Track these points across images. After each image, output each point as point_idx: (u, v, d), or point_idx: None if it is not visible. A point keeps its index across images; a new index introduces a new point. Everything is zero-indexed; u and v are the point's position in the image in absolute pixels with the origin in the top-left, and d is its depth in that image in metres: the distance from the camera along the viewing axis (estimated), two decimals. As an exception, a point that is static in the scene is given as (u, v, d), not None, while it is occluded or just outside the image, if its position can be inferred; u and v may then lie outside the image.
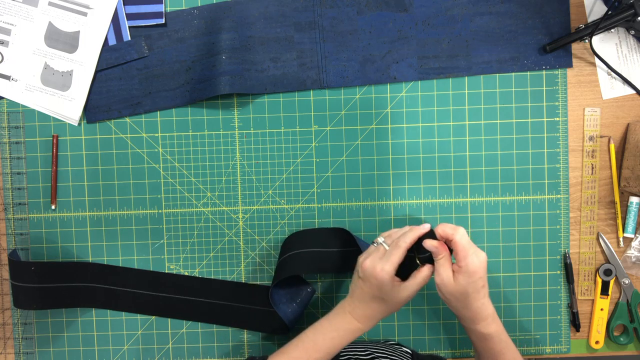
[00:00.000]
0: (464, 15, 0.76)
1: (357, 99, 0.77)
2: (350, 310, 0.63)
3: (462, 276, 0.57)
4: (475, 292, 0.58)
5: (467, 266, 0.57)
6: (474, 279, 0.57)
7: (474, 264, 0.57)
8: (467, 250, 0.57)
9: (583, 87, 0.77)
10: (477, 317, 0.60)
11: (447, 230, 0.59)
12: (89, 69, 0.75)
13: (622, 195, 0.77)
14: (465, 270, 0.57)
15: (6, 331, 0.78)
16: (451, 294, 0.59)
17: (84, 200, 0.78)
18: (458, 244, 0.58)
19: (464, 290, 0.58)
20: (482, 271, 0.58)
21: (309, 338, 0.63)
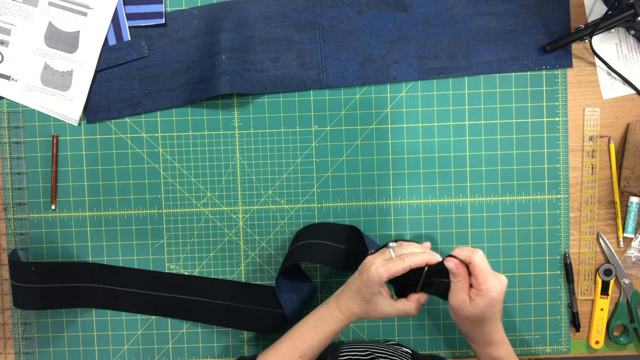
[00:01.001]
0: (464, 15, 0.76)
1: (357, 99, 0.77)
2: (336, 299, 0.64)
3: (481, 300, 0.55)
4: (492, 317, 0.57)
5: (488, 290, 0.55)
6: (493, 304, 0.56)
7: (496, 289, 0.55)
8: (487, 273, 0.55)
9: (583, 87, 0.77)
10: (489, 341, 0.59)
11: (464, 252, 0.56)
12: (89, 69, 0.75)
13: (622, 195, 0.77)
14: (485, 294, 0.55)
15: (6, 331, 0.78)
16: (467, 318, 0.57)
17: (84, 200, 0.78)
18: (477, 267, 0.55)
19: (481, 315, 0.56)
20: (502, 296, 0.56)
21: (296, 330, 0.64)
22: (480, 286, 0.55)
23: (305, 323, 0.64)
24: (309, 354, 0.62)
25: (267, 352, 0.64)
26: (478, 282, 0.55)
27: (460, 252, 0.57)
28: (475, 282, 0.56)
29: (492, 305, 0.56)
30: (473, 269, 0.56)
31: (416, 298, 0.60)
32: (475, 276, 0.55)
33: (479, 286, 0.55)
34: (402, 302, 0.60)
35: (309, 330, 0.63)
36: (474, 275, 0.56)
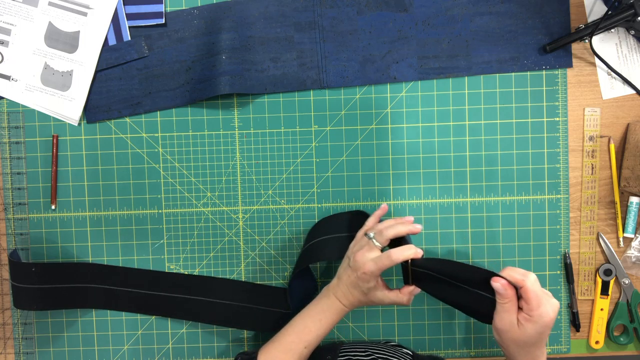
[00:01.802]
0: (464, 15, 0.76)
1: (357, 99, 0.77)
2: (335, 292, 0.66)
3: (532, 325, 0.53)
4: (540, 341, 0.55)
5: (541, 317, 0.52)
6: (544, 330, 0.53)
7: (549, 315, 0.53)
8: (541, 299, 0.53)
9: (583, 87, 0.77)
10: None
11: (516, 275, 0.54)
12: (89, 69, 0.75)
13: (622, 195, 0.77)
14: (537, 320, 0.53)
15: (6, 331, 0.78)
16: (513, 341, 0.55)
17: (84, 200, 0.78)
18: (530, 292, 0.53)
19: (530, 340, 0.54)
20: (553, 322, 0.54)
21: (299, 322, 0.66)
22: (532, 312, 0.53)
23: (308, 315, 0.66)
24: (312, 345, 0.65)
25: (269, 346, 0.65)
26: (530, 308, 0.53)
27: (511, 273, 0.54)
28: (526, 307, 0.53)
29: (543, 331, 0.53)
30: (525, 293, 0.53)
31: (409, 290, 0.64)
32: (527, 301, 0.53)
33: (530, 312, 0.53)
34: (395, 293, 0.64)
35: (312, 322, 0.65)
36: (526, 300, 0.53)
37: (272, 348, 0.65)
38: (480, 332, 0.78)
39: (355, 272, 0.63)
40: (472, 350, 0.79)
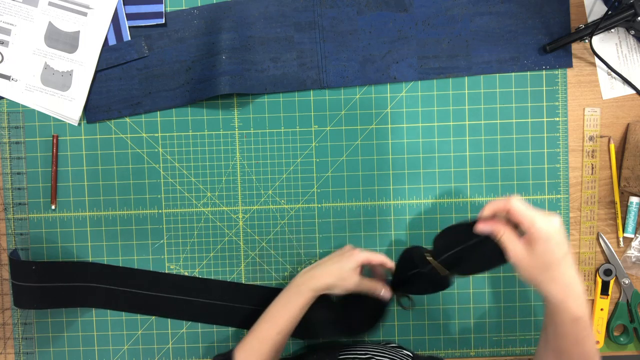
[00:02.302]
0: (464, 15, 0.76)
1: (357, 99, 0.77)
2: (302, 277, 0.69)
3: (537, 245, 0.50)
4: (557, 262, 0.51)
5: (538, 232, 0.50)
6: (551, 245, 0.50)
7: (545, 228, 0.50)
8: (532, 215, 0.51)
9: (583, 87, 0.77)
10: (568, 292, 0.51)
11: (498, 205, 0.53)
12: (89, 69, 0.75)
13: (622, 195, 0.77)
14: (537, 237, 0.50)
15: (6, 331, 0.78)
16: (532, 268, 0.51)
17: (84, 200, 0.78)
18: (517, 212, 0.51)
19: (543, 260, 0.51)
20: (557, 236, 0.50)
21: (269, 312, 0.68)
22: (530, 230, 0.50)
23: (277, 303, 0.68)
24: (284, 331, 0.66)
25: (245, 339, 0.67)
26: (526, 228, 0.51)
27: (491, 207, 0.53)
28: (523, 228, 0.51)
29: (551, 247, 0.50)
30: (514, 216, 0.52)
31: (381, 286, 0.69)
32: (520, 223, 0.51)
33: (528, 231, 0.51)
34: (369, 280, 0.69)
35: (282, 307, 0.67)
36: (519, 222, 0.51)
37: (247, 340, 0.67)
38: (480, 332, 0.78)
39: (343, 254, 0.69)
40: (472, 350, 0.79)
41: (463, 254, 0.58)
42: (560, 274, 0.51)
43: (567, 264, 0.51)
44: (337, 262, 0.68)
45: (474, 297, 0.78)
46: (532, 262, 0.51)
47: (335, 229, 0.78)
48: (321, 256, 0.78)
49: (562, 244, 0.51)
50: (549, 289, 0.52)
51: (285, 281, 0.78)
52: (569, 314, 0.51)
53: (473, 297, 0.78)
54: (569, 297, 0.51)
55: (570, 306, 0.51)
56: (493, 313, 0.78)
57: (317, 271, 0.68)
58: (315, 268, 0.69)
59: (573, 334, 0.52)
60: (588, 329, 0.52)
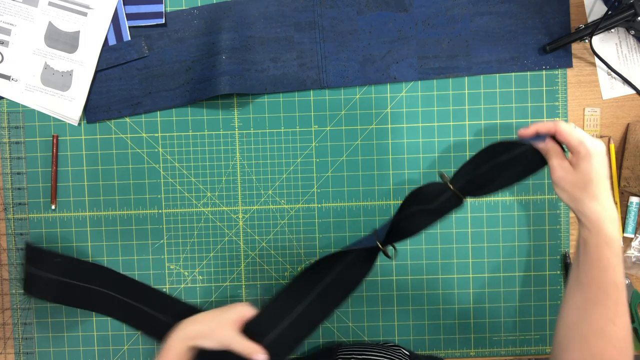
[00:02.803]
0: (464, 15, 0.76)
1: (357, 99, 0.77)
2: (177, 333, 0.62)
3: (583, 162, 0.52)
4: (600, 180, 0.52)
5: (587, 149, 0.52)
6: (596, 163, 0.52)
7: (593, 146, 0.52)
8: (580, 134, 0.53)
9: (583, 87, 0.77)
10: (605, 212, 0.52)
11: (544, 126, 0.56)
12: (89, 69, 0.75)
13: (622, 195, 0.77)
14: (585, 154, 0.52)
15: (6, 331, 0.78)
16: (574, 186, 0.53)
17: (84, 200, 0.78)
18: (565, 133, 0.54)
19: (586, 178, 0.52)
20: (603, 155, 0.53)
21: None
22: (579, 148, 0.53)
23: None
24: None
25: None
26: (574, 146, 0.53)
27: (535, 127, 0.57)
28: (571, 147, 0.54)
29: (597, 163, 0.52)
30: (562, 136, 0.54)
31: (257, 349, 0.61)
32: (568, 143, 0.54)
33: (577, 148, 0.53)
34: (247, 340, 0.61)
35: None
36: (567, 142, 0.54)
37: None
38: (480, 332, 0.78)
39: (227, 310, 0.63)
40: (472, 350, 0.79)
41: (494, 171, 0.59)
42: (601, 192, 0.52)
43: (607, 185, 0.53)
44: (218, 310, 0.63)
45: (474, 297, 0.78)
46: (575, 178, 0.53)
47: (335, 229, 0.78)
48: (320, 256, 0.78)
49: (605, 165, 0.53)
50: (589, 206, 0.53)
51: (285, 281, 0.78)
52: (604, 235, 0.52)
53: (473, 297, 0.78)
54: (605, 217, 0.52)
55: (606, 226, 0.52)
56: (493, 313, 0.78)
57: (191, 318, 0.63)
58: (193, 316, 0.63)
59: (605, 259, 0.51)
60: (619, 256, 0.52)
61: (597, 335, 0.49)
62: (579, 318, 0.51)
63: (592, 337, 0.50)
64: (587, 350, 0.50)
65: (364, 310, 0.78)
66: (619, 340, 0.49)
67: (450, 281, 0.78)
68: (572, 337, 0.51)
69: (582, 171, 0.53)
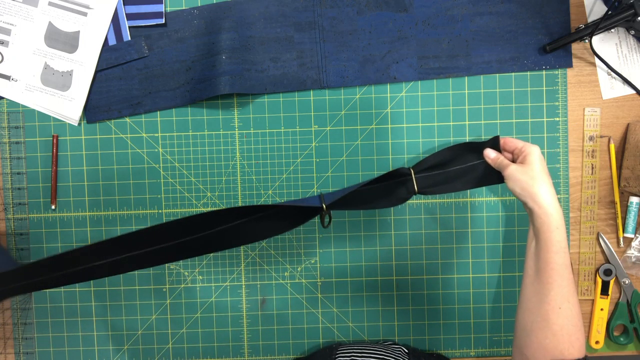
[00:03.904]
0: (464, 15, 0.76)
1: (357, 99, 0.77)
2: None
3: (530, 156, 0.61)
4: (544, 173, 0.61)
5: (530, 147, 0.62)
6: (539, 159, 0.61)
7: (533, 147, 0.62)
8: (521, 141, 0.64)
9: (583, 87, 0.77)
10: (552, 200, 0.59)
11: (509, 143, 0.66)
12: (89, 69, 0.75)
13: (622, 195, 0.77)
14: (530, 150, 0.62)
15: (6, 331, 0.79)
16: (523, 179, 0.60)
17: (84, 200, 0.78)
18: (511, 141, 0.65)
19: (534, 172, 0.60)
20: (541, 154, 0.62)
21: None
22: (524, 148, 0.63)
23: None
24: None
25: None
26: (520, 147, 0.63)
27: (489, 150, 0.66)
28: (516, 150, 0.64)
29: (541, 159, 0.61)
30: (509, 144, 0.65)
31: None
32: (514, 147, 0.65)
33: (522, 149, 0.63)
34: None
35: None
36: (514, 147, 0.64)
37: None
38: (480, 332, 0.78)
39: None
40: (472, 350, 0.79)
41: (451, 173, 0.67)
42: (546, 183, 0.60)
43: (549, 179, 0.61)
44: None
45: (474, 297, 0.78)
46: (526, 169, 0.61)
47: (335, 229, 0.78)
48: (321, 256, 0.78)
49: (544, 162, 0.62)
50: (540, 195, 0.59)
51: (285, 281, 0.78)
52: (554, 221, 0.58)
53: (473, 297, 0.78)
54: (553, 206, 0.59)
55: (554, 212, 0.59)
56: (493, 313, 0.78)
57: None
58: None
59: (557, 242, 0.58)
60: (566, 240, 0.59)
61: (556, 313, 0.56)
62: (539, 301, 0.57)
63: (553, 316, 0.56)
64: (548, 329, 0.56)
65: (364, 310, 0.78)
66: (574, 317, 0.56)
67: (450, 281, 0.78)
68: (534, 320, 0.57)
69: (531, 162, 0.61)
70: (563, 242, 0.58)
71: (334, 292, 0.78)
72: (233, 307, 0.79)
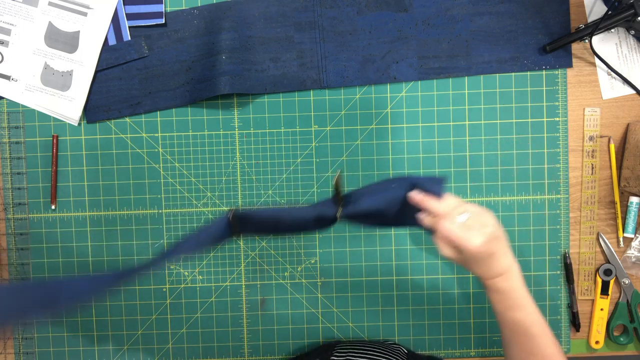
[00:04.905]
0: (464, 15, 0.76)
1: (357, 99, 0.77)
2: None
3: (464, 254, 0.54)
4: (475, 262, 0.55)
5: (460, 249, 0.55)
6: (467, 257, 0.55)
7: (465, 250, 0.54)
8: (458, 234, 0.53)
9: (583, 87, 0.77)
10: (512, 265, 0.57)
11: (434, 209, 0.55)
12: (89, 69, 0.75)
13: (622, 195, 0.77)
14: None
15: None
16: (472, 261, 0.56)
17: (84, 200, 0.78)
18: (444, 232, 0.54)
19: (462, 262, 0.56)
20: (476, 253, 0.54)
21: None
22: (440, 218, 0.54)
23: None
24: None
25: None
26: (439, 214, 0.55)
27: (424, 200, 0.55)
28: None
29: (467, 257, 0.55)
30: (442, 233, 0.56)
31: None
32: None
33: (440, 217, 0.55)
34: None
35: None
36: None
37: None
38: (480, 332, 0.78)
39: None
40: (472, 350, 0.79)
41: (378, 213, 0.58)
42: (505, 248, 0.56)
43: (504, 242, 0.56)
44: None
45: (473, 297, 0.78)
46: (460, 259, 0.55)
47: (335, 229, 0.78)
48: (321, 256, 0.78)
49: (478, 257, 0.54)
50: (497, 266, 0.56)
51: (285, 281, 0.78)
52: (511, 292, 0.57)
53: (473, 297, 0.78)
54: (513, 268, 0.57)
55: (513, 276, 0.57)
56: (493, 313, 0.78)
57: None
58: None
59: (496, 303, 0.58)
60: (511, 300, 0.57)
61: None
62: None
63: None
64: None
65: (364, 310, 0.78)
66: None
67: (450, 281, 0.78)
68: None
69: (466, 257, 0.54)
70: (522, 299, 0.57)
71: (334, 292, 0.78)
72: (233, 307, 0.79)
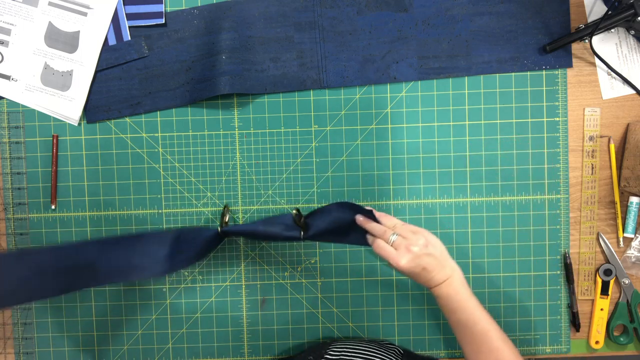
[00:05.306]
0: (464, 15, 0.76)
1: (357, 99, 0.77)
2: None
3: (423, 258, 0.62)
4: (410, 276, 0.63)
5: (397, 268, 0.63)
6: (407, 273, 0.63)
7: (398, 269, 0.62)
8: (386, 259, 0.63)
9: (583, 87, 0.77)
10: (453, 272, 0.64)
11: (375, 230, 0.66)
12: (89, 69, 0.75)
13: (622, 195, 0.77)
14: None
15: (6, 331, 0.79)
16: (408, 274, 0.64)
17: (84, 200, 0.78)
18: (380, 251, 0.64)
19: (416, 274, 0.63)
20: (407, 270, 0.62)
21: None
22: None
23: None
24: None
25: None
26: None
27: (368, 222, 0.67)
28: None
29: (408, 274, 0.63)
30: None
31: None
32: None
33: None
34: None
35: None
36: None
37: None
38: (480, 332, 0.78)
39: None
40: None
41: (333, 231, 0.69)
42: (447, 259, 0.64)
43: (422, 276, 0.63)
44: None
45: (474, 297, 0.78)
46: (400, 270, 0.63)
47: (335, 229, 0.78)
48: (321, 256, 0.78)
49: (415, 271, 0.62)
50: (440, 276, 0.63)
51: (285, 281, 0.78)
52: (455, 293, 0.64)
53: (473, 297, 0.78)
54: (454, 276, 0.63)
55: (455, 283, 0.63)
56: (493, 313, 0.78)
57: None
58: None
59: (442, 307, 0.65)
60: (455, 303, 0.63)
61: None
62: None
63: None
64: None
65: (364, 310, 0.78)
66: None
67: (450, 281, 0.78)
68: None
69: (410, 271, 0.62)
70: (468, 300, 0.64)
71: (334, 292, 0.78)
72: (233, 307, 0.79)
